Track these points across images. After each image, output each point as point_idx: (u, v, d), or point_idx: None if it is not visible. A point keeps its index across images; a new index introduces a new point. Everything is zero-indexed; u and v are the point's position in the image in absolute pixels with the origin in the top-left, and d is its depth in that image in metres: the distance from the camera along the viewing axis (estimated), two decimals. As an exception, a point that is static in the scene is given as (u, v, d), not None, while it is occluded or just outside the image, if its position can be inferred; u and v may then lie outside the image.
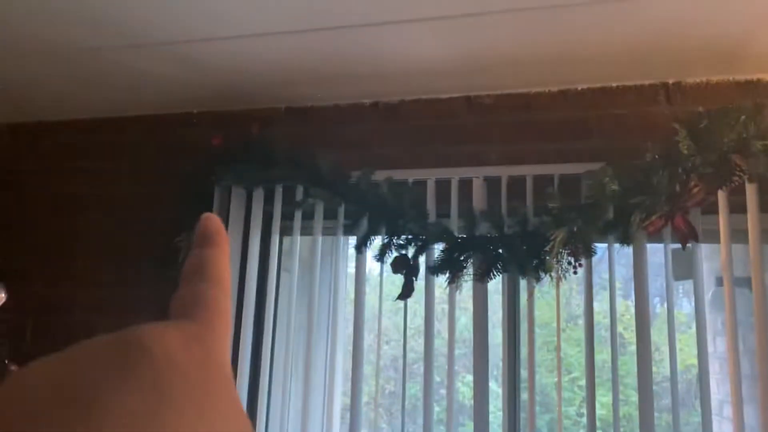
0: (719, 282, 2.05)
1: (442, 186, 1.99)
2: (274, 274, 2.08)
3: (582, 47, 1.77)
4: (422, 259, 1.92)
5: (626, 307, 4.07)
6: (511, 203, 1.88)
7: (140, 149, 2.38)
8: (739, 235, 1.74)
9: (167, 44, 1.87)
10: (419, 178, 2.00)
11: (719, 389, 2.73)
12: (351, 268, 2.44)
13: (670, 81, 1.90)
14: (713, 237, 1.76)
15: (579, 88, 1.97)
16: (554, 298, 1.89)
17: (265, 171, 2.05)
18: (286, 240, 2.18)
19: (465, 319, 2.91)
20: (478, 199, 1.95)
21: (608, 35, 1.72)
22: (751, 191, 1.70)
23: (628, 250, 1.79)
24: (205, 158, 2.15)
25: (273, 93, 2.16)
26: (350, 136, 2.13)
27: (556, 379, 1.98)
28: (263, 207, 2.11)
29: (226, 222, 2.12)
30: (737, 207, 1.72)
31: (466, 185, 1.97)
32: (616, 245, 1.76)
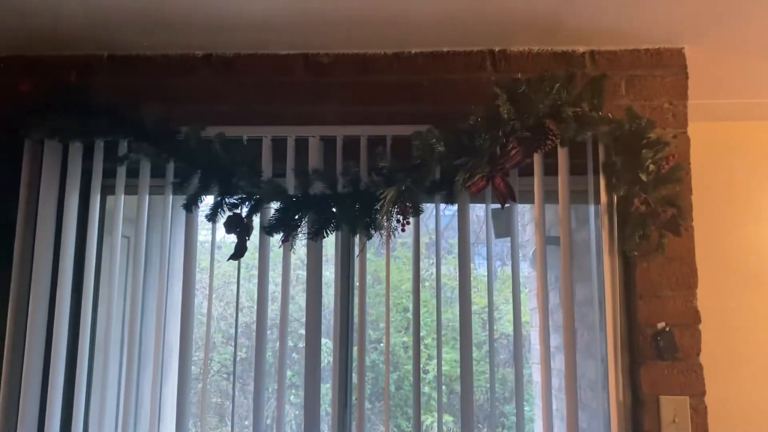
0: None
1: (278, 144, 1.94)
2: (94, 237, 1.93)
3: (415, 11, 1.80)
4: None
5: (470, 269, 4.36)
6: (346, 163, 1.88)
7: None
8: (552, 195, 1.88)
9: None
10: (254, 136, 1.94)
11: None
12: (203, 236, 2.33)
13: (496, 49, 1.99)
14: (530, 198, 1.89)
15: (412, 52, 2.00)
16: (404, 262, 1.93)
17: (83, 123, 1.87)
18: (110, 199, 2.02)
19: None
20: (314, 158, 1.93)
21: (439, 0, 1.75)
22: (562, 155, 1.85)
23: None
24: (13, 107, 1.92)
25: (93, 38, 1.97)
26: (180, 89, 2.00)
27: (404, 338, 2.03)
28: (82, 163, 1.94)
29: (38, 179, 1.92)
30: (550, 169, 1.85)
31: (302, 144, 1.94)
32: (442, 204, 1.83)
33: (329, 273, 2.05)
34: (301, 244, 1.88)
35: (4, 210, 1.92)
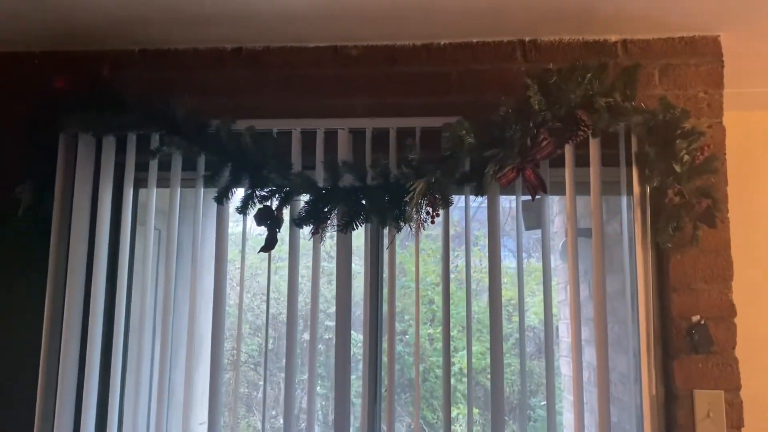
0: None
1: (308, 137, 1.95)
2: (128, 229, 1.96)
3: (444, 1, 1.78)
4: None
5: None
6: (375, 155, 1.88)
7: (-26, 91, 2.12)
8: (583, 187, 1.86)
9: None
10: (284, 129, 1.95)
11: (569, 333, 2.95)
12: (230, 228, 2.35)
13: (527, 39, 1.97)
14: (561, 189, 1.87)
15: (441, 43, 1.99)
16: (429, 254, 1.92)
17: (115, 117, 1.90)
18: (142, 192, 2.05)
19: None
20: (343, 150, 1.93)
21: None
22: (594, 145, 1.82)
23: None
24: (48, 102, 1.96)
25: (125, 33, 1.99)
26: (211, 83, 2.02)
27: (430, 330, 2.02)
28: (115, 157, 1.97)
29: (72, 172, 1.96)
30: (582, 160, 1.83)
31: (331, 137, 1.94)
32: (471, 196, 1.82)
33: (355, 265, 2.05)
34: (329, 236, 1.89)
35: (40, 203, 1.96)
